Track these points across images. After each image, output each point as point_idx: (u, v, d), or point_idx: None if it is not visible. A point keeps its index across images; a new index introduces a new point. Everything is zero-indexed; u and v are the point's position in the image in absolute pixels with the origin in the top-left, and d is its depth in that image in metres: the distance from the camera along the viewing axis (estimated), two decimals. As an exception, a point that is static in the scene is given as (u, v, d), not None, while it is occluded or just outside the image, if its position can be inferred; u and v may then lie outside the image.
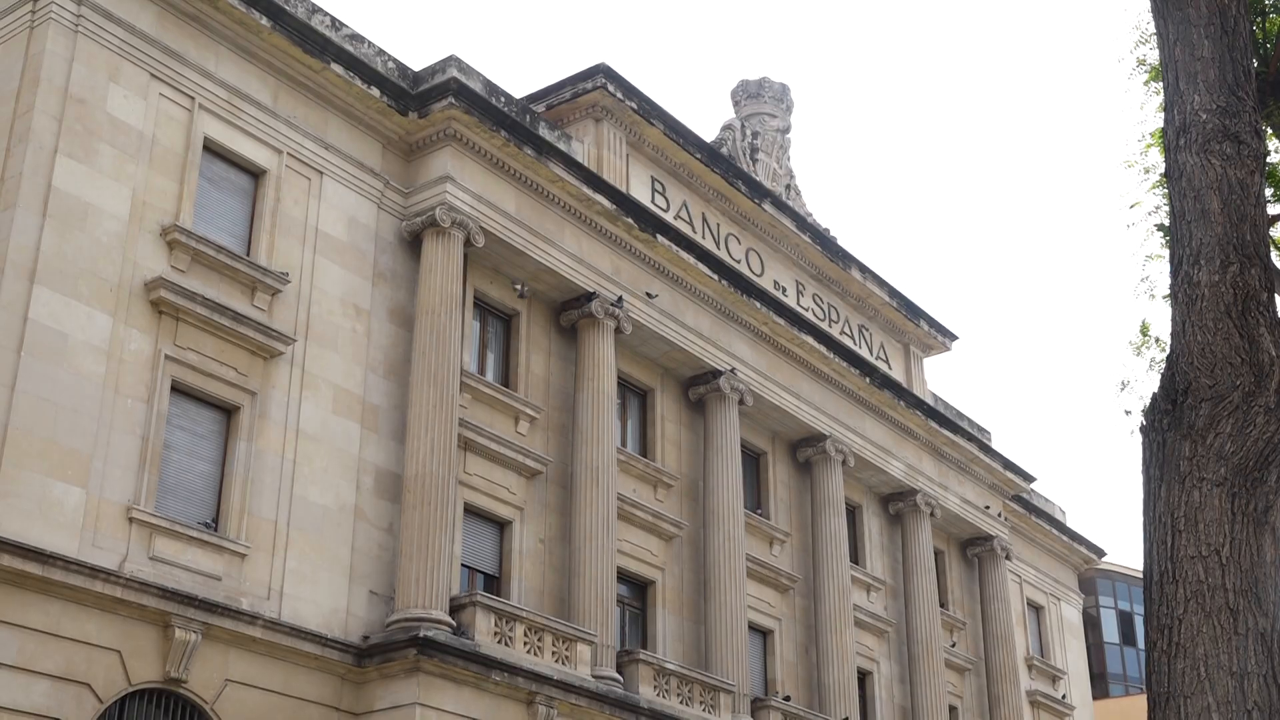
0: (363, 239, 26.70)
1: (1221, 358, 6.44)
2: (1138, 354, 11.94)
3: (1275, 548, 5.86)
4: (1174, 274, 7.55)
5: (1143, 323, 12.67)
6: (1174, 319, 7.22)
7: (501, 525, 28.00)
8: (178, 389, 23.01)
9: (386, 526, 25.46)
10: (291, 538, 23.82)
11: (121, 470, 21.71)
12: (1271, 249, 7.69)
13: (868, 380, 38.15)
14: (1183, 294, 7.11)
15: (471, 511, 27.33)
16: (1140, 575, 54.95)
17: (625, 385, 32.02)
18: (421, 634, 23.71)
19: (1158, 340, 12.60)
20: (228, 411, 23.76)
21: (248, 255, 24.60)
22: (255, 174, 25.34)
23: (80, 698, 20.33)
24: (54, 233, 21.67)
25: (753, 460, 35.86)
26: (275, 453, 24.00)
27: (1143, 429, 6.82)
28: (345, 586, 24.50)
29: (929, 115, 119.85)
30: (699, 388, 33.45)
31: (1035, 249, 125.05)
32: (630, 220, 30.92)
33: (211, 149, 24.61)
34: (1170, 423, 6.48)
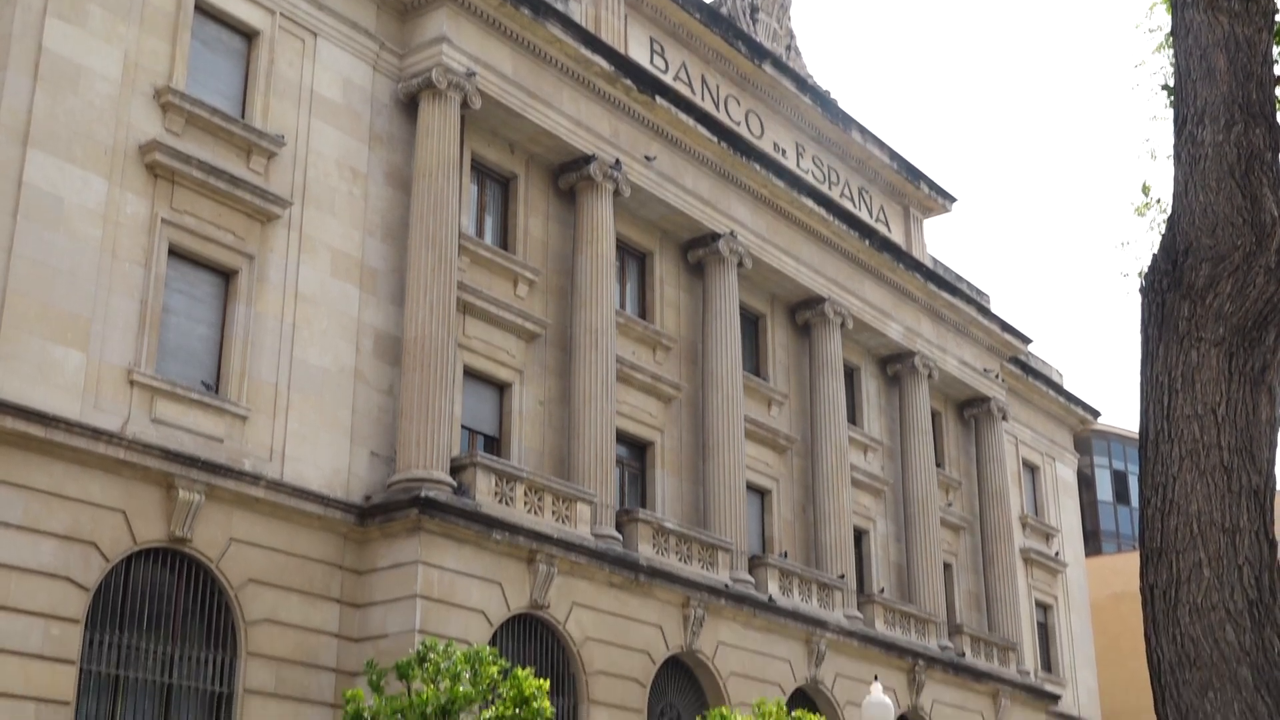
0: (358, 101, 26.43)
1: (1223, 218, 6.41)
2: (1139, 215, 11.87)
3: (1271, 406, 5.89)
4: (1177, 134, 7.47)
5: (1144, 184, 12.54)
6: (1176, 179, 7.17)
7: (501, 387, 28.14)
8: (175, 252, 22.96)
9: (386, 388, 25.60)
10: (292, 400, 23.96)
11: (121, 334, 21.76)
12: (1278, 108, 7.60)
13: (867, 243, 38.05)
14: (1186, 154, 7.05)
15: (471, 374, 27.45)
16: (1135, 435, 56.00)
17: (624, 248, 31.94)
18: (423, 494, 23.96)
19: (1159, 201, 12.50)
20: (226, 275, 23.74)
21: (242, 118, 24.37)
22: (248, 35, 24.98)
23: (87, 557, 20.61)
24: (46, 95, 21.44)
25: (751, 323, 35.93)
26: (274, 316, 24.03)
27: (1142, 289, 6.82)
28: (346, 448, 24.70)
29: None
30: (698, 250, 33.38)
31: (1038, 112, 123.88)
32: (629, 82, 30.58)
33: (203, 9, 24.23)
34: (1170, 283, 6.47)
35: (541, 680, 19.21)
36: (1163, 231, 6.91)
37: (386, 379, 25.65)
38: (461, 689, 18.19)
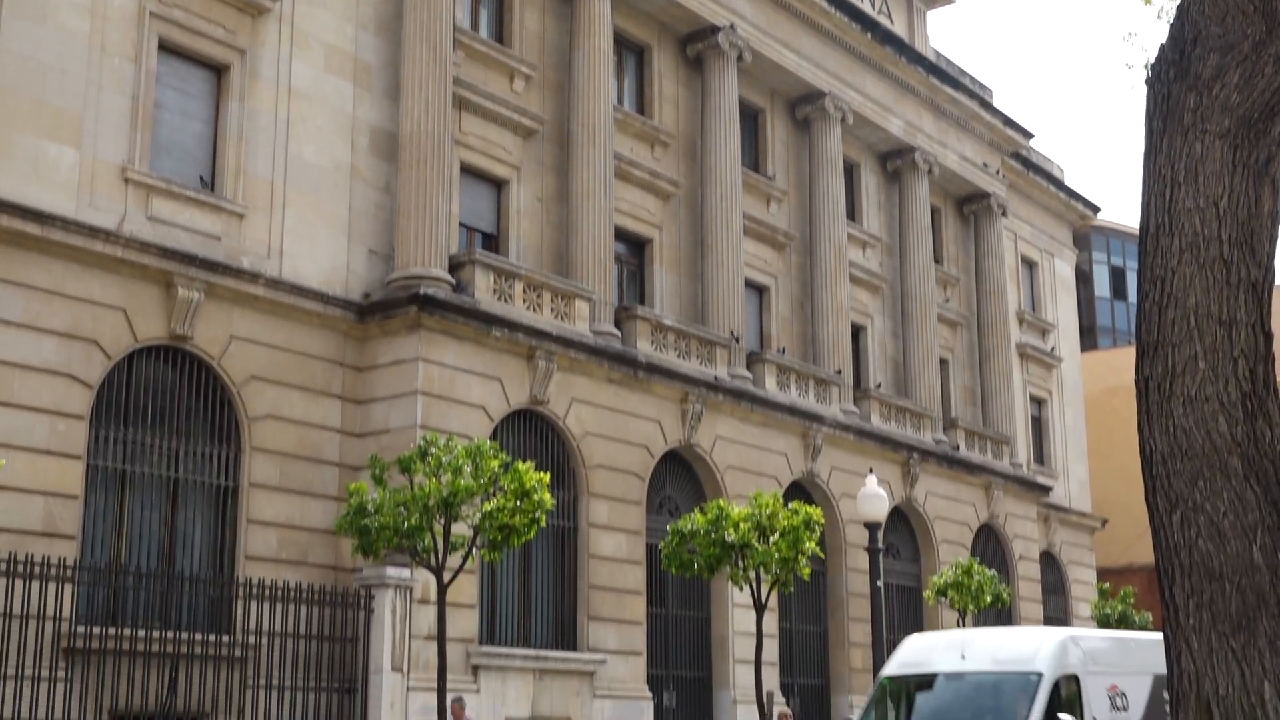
0: (347, -113, 25.65)
1: (1233, 6, 6.27)
2: (1147, 3, 11.62)
3: (1273, 199, 5.85)
4: (1190, -83, 7.26)
5: (1153, -29, 12.21)
6: (1187, -34, 7.00)
7: (499, 184, 27.96)
8: (165, 47, 22.55)
9: (383, 186, 25.43)
10: (289, 197, 23.83)
11: (114, 130, 21.52)
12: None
13: (869, 35, 37.39)
14: (1198, -61, 6.86)
15: (468, 171, 27.23)
16: (1134, 231, 55.99)
17: (622, 42, 31.37)
18: (422, 291, 24.00)
19: (1167, -11, 12.19)
20: (217, 70, 23.36)
21: (229, -95, 23.68)
22: None
23: (89, 354, 20.74)
24: (26, -119, 20.79)
25: (751, 118, 35.52)
26: (268, 112, 23.73)
27: (1148, 81, 6.71)
28: (344, 245, 24.66)
29: None
30: (697, 44, 32.80)
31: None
32: None
33: None
34: (1176, 73, 6.36)
35: (542, 473, 19.50)
36: (1171, 21, 6.76)
37: (383, 176, 25.47)
38: (463, 482, 18.47)
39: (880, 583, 25.51)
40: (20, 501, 19.53)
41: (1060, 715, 16.66)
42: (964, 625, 31.13)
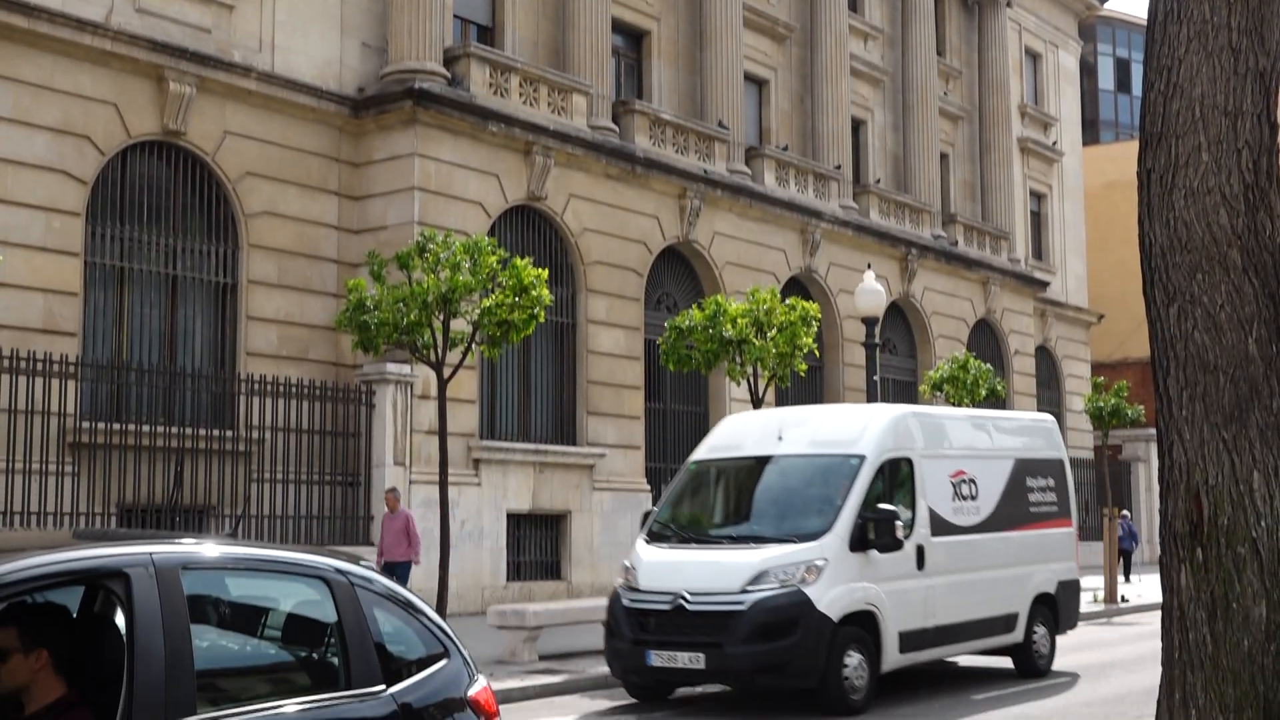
0: None
1: None
2: None
3: (1285, -15, 5.71)
4: None
5: None
6: None
7: (493, -26, 27.34)
8: None
9: (375, -24, 24.87)
10: (279, -12, 23.32)
11: (97, -82, 20.95)
12: None
13: None
14: None
15: (461, -40, 26.60)
16: (1140, 22, 54.83)
17: None
18: (417, 85, 23.67)
19: None
20: None
21: None
22: None
23: (81, 149, 20.55)
24: None
25: (751, -96, 34.56)
26: (255, -101, 23.07)
27: None
28: (337, 39, 24.23)
29: None
30: None
31: None
32: None
33: None
34: None
35: (540, 269, 19.48)
36: None
37: (374, -34, 24.88)
38: (462, 278, 18.46)
39: (877, 377, 25.72)
40: (20, 298, 19.57)
41: (881, 505, 14.03)
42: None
